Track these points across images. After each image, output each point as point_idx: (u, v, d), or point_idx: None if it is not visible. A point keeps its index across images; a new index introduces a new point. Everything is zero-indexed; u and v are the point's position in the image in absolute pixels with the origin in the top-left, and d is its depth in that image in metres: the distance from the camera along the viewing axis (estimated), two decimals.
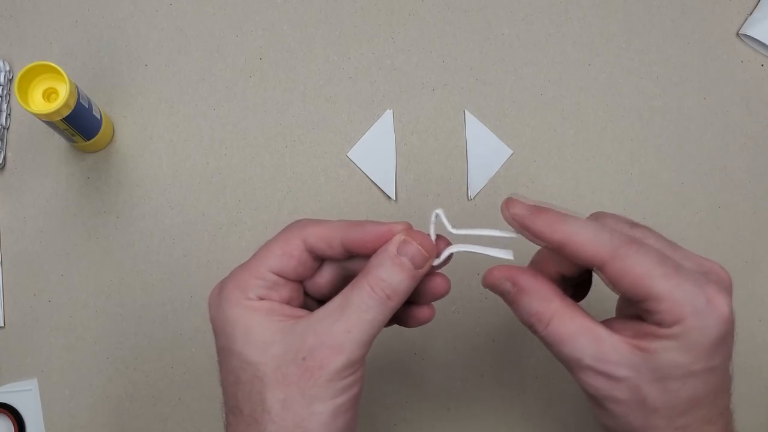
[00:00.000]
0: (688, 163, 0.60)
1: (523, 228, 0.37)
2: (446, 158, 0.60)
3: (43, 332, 0.58)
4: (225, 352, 0.37)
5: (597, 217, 0.39)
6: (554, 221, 0.36)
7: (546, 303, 0.37)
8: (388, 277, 0.36)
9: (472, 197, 0.59)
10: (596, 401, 0.37)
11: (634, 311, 0.36)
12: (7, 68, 0.60)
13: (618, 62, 0.61)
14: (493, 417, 0.57)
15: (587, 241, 0.35)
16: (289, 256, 0.37)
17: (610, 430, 0.38)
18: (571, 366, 0.37)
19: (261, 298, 0.37)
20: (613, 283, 0.35)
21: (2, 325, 0.58)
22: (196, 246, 0.58)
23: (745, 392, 0.58)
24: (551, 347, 0.37)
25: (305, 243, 0.38)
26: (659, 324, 0.34)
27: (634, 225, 0.38)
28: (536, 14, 0.61)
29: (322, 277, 0.40)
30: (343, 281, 0.40)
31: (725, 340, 0.35)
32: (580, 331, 0.36)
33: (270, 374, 0.35)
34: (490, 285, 0.38)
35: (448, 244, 0.39)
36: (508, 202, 0.38)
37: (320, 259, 0.39)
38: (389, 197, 0.59)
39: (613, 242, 0.35)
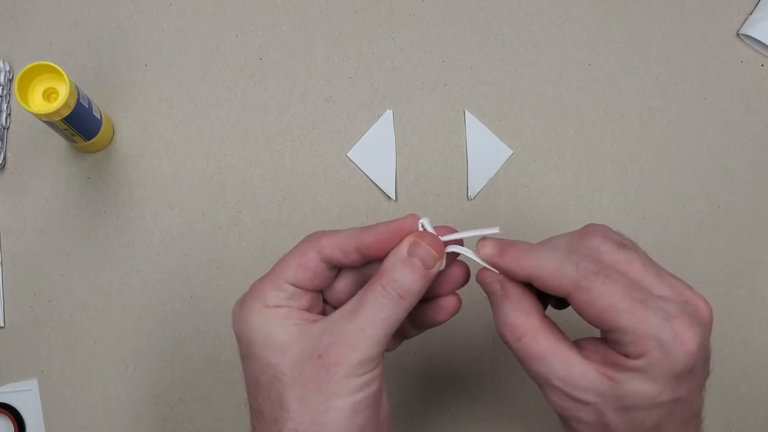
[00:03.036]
0: (688, 163, 0.60)
1: (494, 266, 0.38)
2: (446, 158, 0.60)
3: (43, 332, 0.58)
4: (247, 359, 0.38)
5: (585, 233, 0.38)
6: (520, 256, 0.37)
7: (524, 317, 0.37)
8: (400, 278, 0.37)
9: (472, 197, 0.59)
10: (563, 418, 0.38)
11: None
12: (7, 68, 0.60)
13: (618, 62, 0.61)
14: (493, 417, 0.57)
15: (551, 273, 0.36)
16: (305, 268, 0.38)
17: None
18: (539, 383, 0.37)
19: (279, 307, 0.38)
20: (579, 313, 0.36)
21: (2, 325, 0.58)
22: (196, 246, 0.58)
23: (745, 392, 0.58)
24: (522, 362, 0.37)
25: (321, 254, 0.38)
26: (626, 355, 0.35)
27: (621, 246, 0.37)
28: (536, 14, 0.61)
29: (340, 283, 0.41)
30: (360, 286, 0.40)
31: (692, 371, 0.35)
32: (552, 353, 0.36)
33: (288, 374, 0.36)
34: (481, 281, 0.39)
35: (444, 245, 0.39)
36: (480, 242, 0.38)
37: (337, 269, 0.40)
38: (389, 197, 0.59)
39: (578, 273, 0.35)
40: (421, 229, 0.38)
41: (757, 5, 0.62)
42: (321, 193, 0.59)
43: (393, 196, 0.59)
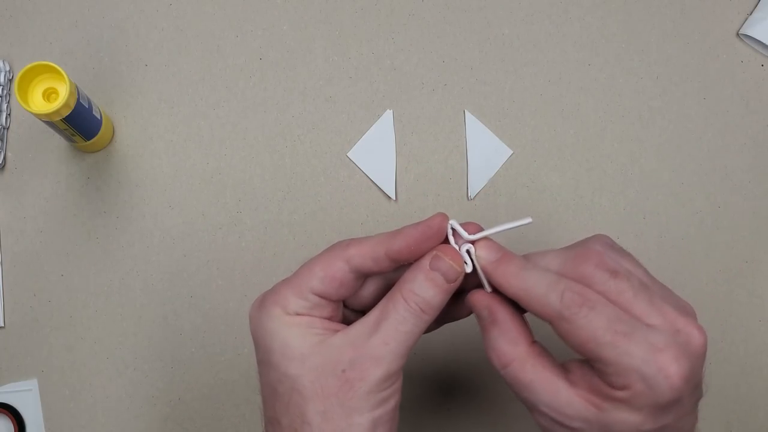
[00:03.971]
0: (688, 163, 0.60)
1: (485, 274, 0.38)
2: (446, 158, 0.60)
3: (43, 332, 0.58)
4: (263, 365, 0.38)
5: (579, 257, 0.37)
6: (512, 274, 0.37)
7: (511, 345, 0.37)
8: (420, 291, 0.36)
9: (472, 197, 0.59)
10: None
11: None
12: (7, 68, 0.60)
13: (618, 62, 0.61)
14: (493, 417, 0.57)
15: (537, 299, 0.36)
16: (331, 278, 0.37)
17: None
18: (527, 406, 0.38)
19: (300, 315, 0.37)
20: (562, 339, 0.36)
21: (2, 325, 0.58)
22: (196, 246, 0.58)
23: (745, 392, 0.58)
24: (510, 387, 0.37)
25: (349, 264, 0.38)
26: (610, 384, 0.35)
27: (613, 275, 0.36)
28: (536, 14, 0.61)
29: (364, 290, 0.40)
30: (384, 291, 0.40)
31: (678, 402, 0.35)
32: (538, 381, 0.36)
33: (308, 387, 0.36)
34: (471, 303, 0.39)
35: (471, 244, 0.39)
36: (478, 243, 0.38)
37: (364, 277, 0.39)
38: (389, 197, 0.59)
39: (562, 304, 0.35)
40: (450, 231, 0.38)
41: (757, 5, 0.62)
42: (321, 193, 0.59)
43: (393, 196, 0.59)
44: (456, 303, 0.40)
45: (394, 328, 0.36)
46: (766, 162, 0.60)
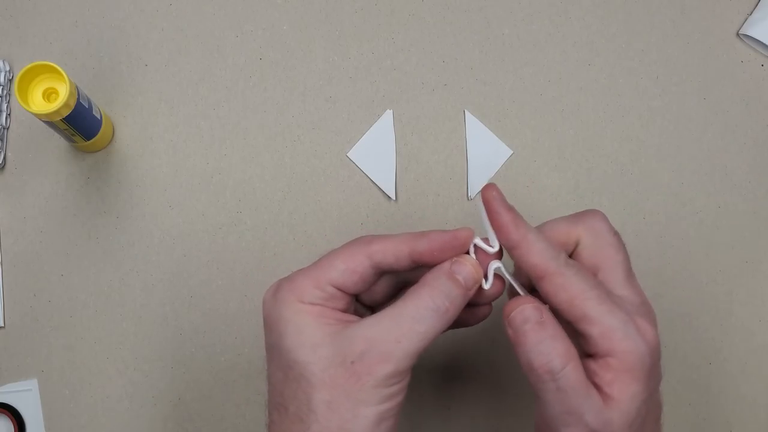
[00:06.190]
0: (688, 163, 0.60)
1: (490, 213, 0.39)
2: (446, 158, 0.60)
3: (43, 332, 0.58)
4: (274, 350, 0.38)
5: (586, 212, 0.41)
6: (519, 223, 0.38)
7: (567, 345, 0.36)
8: (446, 289, 0.37)
9: (472, 197, 0.59)
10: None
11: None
12: (7, 68, 0.60)
13: (618, 62, 0.61)
14: (493, 417, 0.57)
15: (537, 252, 0.37)
16: (352, 272, 0.38)
17: None
18: (562, 420, 0.37)
19: (314, 305, 0.38)
20: (549, 297, 0.37)
21: (2, 325, 0.58)
22: (196, 246, 0.58)
23: (745, 392, 0.58)
24: (560, 394, 0.36)
25: (371, 260, 0.38)
26: (594, 354, 0.36)
27: (616, 233, 0.40)
28: (536, 14, 0.61)
29: (377, 286, 0.41)
30: (395, 289, 0.41)
31: (655, 366, 0.36)
32: (588, 385, 0.36)
33: (318, 375, 0.36)
34: (520, 306, 0.38)
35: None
36: (488, 186, 0.39)
37: (382, 273, 0.40)
38: (389, 197, 0.59)
39: (558, 260, 0.37)
40: (472, 248, 0.39)
41: (757, 5, 0.62)
42: (321, 193, 0.59)
43: (393, 196, 0.59)
44: (465, 313, 0.41)
45: (409, 327, 0.36)
46: (766, 162, 0.60)
